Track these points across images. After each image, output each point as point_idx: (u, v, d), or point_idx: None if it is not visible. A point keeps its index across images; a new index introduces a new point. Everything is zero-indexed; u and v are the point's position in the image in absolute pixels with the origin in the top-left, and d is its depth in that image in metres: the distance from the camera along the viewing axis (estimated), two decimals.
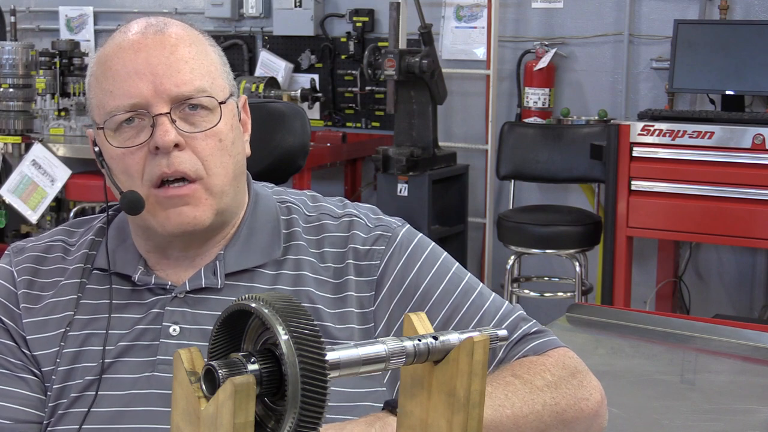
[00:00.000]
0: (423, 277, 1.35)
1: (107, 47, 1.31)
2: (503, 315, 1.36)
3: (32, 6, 6.02)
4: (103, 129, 1.29)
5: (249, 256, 1.34)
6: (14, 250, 1.39)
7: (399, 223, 1.40)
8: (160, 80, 1.26)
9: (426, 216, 4.43)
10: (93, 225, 1.41)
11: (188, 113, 1.27)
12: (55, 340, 1.32)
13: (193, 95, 1.27)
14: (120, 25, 1.38)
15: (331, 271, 1.34)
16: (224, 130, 1.29)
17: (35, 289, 1.35)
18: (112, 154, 1.29)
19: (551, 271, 4.83)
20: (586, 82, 4.88)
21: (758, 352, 2.13)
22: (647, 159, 3.99)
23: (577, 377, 1.28)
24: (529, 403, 1.20)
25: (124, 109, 1.26)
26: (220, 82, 1.32)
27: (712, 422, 1.73)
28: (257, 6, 5.37)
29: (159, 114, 1.25)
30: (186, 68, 1.27)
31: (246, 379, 0.79)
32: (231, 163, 1.30)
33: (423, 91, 4.52)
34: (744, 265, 4.64)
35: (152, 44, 1.28)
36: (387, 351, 0.88)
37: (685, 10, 4.63)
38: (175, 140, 1.25)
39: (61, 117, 5.32)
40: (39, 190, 4.78)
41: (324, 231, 1.37)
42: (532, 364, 1.27)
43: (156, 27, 1.30)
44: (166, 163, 1.26)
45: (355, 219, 1.38)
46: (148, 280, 1.34)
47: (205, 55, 1.31)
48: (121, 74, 1.27)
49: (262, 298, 0.82)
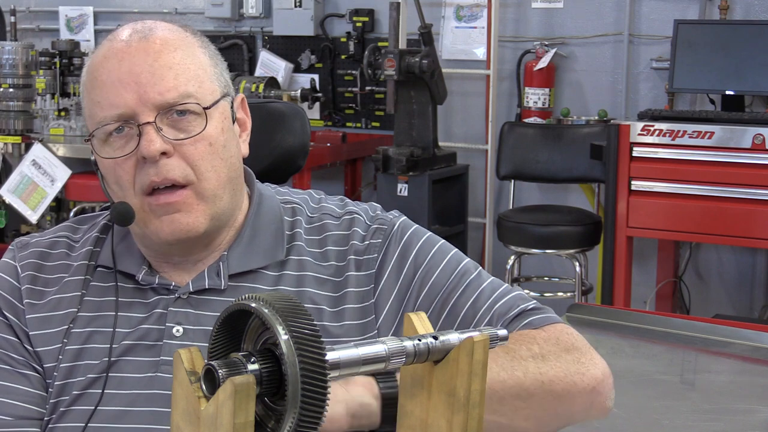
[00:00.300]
0: (420, 261, 1.35)
1: (95, 56, 1.31)
2: (500, 294, 1.34)
3: (32, 6, 6.02)
4: (93, 138, 1.29)
5: (252, 257, 1.34)
6: (18, 246, 1.39)
7: (395, 215, 1.41)
8: (143, 89, 1.25)
9: (426, 216, 4.42)
10: (97, 222, 1.41)
11: (176, 119, 1.27)
12: (58, 336, 1.31)
13: (177, 101, 1.26)
14: (119, 25, 1.37)
15: (332, 269, 1.34)
16: (214, 134, 1.28)
17: (39, 285, 1.35)
18: (104, 164, 1.29)
19: (551, 271, 4.83)
20: (586, 82, 4.88)
21: (758, 352, 2.13)
22: (647, 159, 3.99)
23: (572, 353, 1.26)
24: (507, 370, 1.17)
25: (111, 119, 1.26)
26: (209, 85, 1.30)
27: (712, 422, 1.73)
28: (257, 6, 5.37)
29: (144, 123, 1.25)
30: (170, 74, 1.27)
31: (246, 379, 0.79)
32: (223, 166, 1.29)
33: (423, 91, 4.52)
34: (744, 265, 4.64)
35: (136, 51, 1.27)
36: (387, 351, 0.88)
37: (685, 10, 4.63)
38: (161, 149, 1.25)
39: (61, 117, 5.32)
40: (39, 190, 4.78)
41: (326, 230, 1.37)
42: (520, 336, 1.25)
43: (141, 33, 1.29)
44: (155, 172, 1.25)
45: (356, 216, 1.39)
46: (151, 280, 1.34)
47: (192, 59, 1.30)
48: (106, 84, 1.27)
49: (262, 298, 0.82)
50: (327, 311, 1.32)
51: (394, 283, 1.34)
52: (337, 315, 1.32)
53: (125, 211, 1.27)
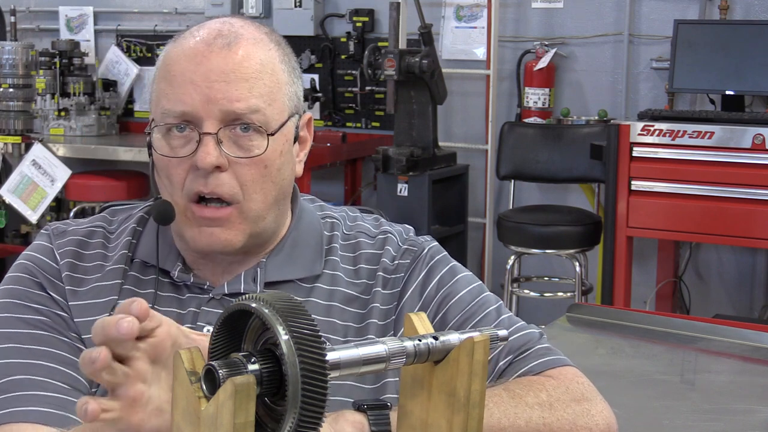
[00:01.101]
0: (443, 284, 1.37)
1: (176, 47, 1.29)
2: (516, 329, 1.35)
3: (32, 6, 6.01)
4: (154, 129, 1.28)
5: (291, 268, 1.34)
6: (55, 232, 1.38)
7: (427, 239, 1.43)
8: (214, 94, 1.24)
9: (426, 216, 4.42)
10: (133, 214, 1.41)
11: (238, 134, 1.26)
12: None
13: (244, 113, 1.25)
14: (189, 26, 1.35)
15: (363, 287, 1.36)
16: (272, 157, 1.28)
17: (79, 273, 1.34)
18: (159, 157, 1.29)
19: (551, 271, 4.83)
20: (586, 82, 4.88)
21: (758, 352, 2.13)
22: (647, 159, 3.99)
23: (582, 404, 1.24)
24: (510, 417, 1.17)
25: (174, 115, 1.25)
26: (280, 104, 1.29)
27: (712, 422, 1.73)
28: (257, 6, 5.37)
29: (206, 133, 1.24)
30: (244, 86, 1.25)
31: (246, 379, 0.79)
32: (273, 189, 1.29)
33: (423, 91, 4.52)
34: (744, 265, 4.64)
35: (216, 58, 1.25)
36: (387, 351, 0.88)
37: (685, 10, 4.63)
38: (216, 163, 1.24)
39: (61, 117, 5.32)
40: (39, 190, 4.78)
41: (360, 249, 1.39)
42: (529, 382, 1.25)
43: (226, 39, 1.27)
44: (204, 183, 1.25)
45: (389, 236, 1.40)
46: (186, 278, 1.34)
47: (269, 75, 1.28)
48: (178, 80, 1.26)
49: (262, 298, 0.82)
50: (352, 327, 1.34)
51: (415, 302, 1.35)
52: (361, 330, 1.34)
53: (165, 212, 1.28)
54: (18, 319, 1.29)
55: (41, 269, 1.33)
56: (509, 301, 4.41)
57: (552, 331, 2.23)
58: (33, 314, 1.30)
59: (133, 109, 5.76)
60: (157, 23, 5.64)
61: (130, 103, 5.75)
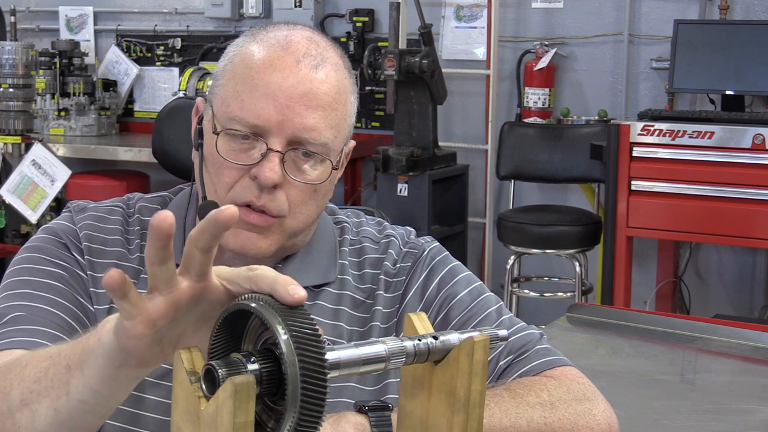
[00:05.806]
0: (444, 285, 1.37)
1: (260, 51, 1.27)
2: (517, 329, 1.35)
3: (32, 6, 6.02)
4: (218, 123, 1.27)
5: (306, 275, 1.34)
6: (76, 209, 1.39)
7: (427, 241, 1.43)
8: (291, 116, 1.24)
9: (426, 216, 4.42)
10: (154, 199, 1.42)
11: (300, 157, 1.27)
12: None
13: (311, 142, 1.25)
14: (274, 27, 1.32)
15: (367, 291, 1.37)
16: (324, 184, 1.30)
17: (97, 243, 1.34)
18: (214, 153, 1.28)
19: (551, 271, 4.83)
20: (586, 82, 4.88)
21: (758, 352, 2.13)
22: (647, 159, 3.99)
23: (583, 404, 1.24)
24: (511, 416, 1.17)
25: (244, 125, 1.25)
26: (343, 135, 1.31)
27: (712, 422, 1.73)
28: (257, 6, 5.37)
29: (273, 150, 1.24)
30: (319, 115, 1.25)
31: (246, 378, 0.79)
32: (315, 211, 1.31)
33: (423, 91, 4.52)
34: (744, 265, 4.64)
35: (302, 78, 1.25)
36: (387, 351, 0.88)
37: (685, 10, 4.63)
38: (277, 181, 1.25)
39: (61, 117, 5.32)
40: (39, 190, 4.78)
41: (365, 253, 1.40)
42: (531, 382, 1.25)
43: (314, 60, 1.26)
44: (258, 195, 1.25)
45: (392, 240, 1.41)
46: None
47: (343, 107, 1.29)
48: (259, 90, 1.25)
49: (261, 298, 0.82)
50: (357, 331, 1.34)
51: (416, 304, 1.36)
52: (365, 334, 1.34)
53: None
54: (39, 269, 1.30)
55: (66, 234, 1.35)
56: (509, 301, 4.41)
57: (552, 331, 2.23)
58: (54, 268, 1.31)
59: (133, 109, 5.76)
60: (157, 23, 5.65)
61: (130, 103, 5.76)
